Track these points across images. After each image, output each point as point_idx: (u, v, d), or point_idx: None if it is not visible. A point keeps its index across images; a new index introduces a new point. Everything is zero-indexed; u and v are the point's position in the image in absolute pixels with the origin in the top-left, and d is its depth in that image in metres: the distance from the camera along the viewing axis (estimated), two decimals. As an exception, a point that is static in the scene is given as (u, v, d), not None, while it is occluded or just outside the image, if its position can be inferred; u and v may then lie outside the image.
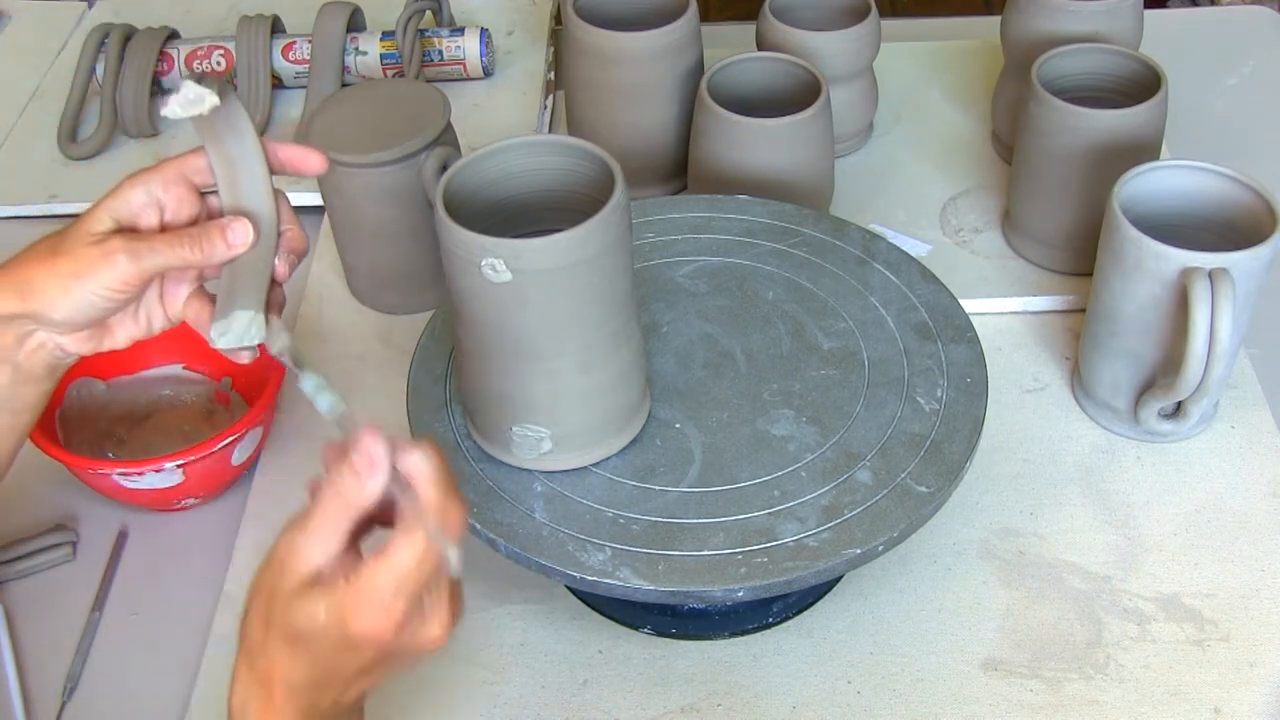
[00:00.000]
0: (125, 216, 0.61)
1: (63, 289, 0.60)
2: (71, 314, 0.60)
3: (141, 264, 0.59)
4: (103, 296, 0.60)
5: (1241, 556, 0.77)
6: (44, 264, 0.60)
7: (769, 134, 0.89)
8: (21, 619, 0.78)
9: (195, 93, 0.59)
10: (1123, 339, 0.80)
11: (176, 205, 0.62)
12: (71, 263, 0.59)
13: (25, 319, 0.61)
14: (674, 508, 0.69)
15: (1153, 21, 1.03)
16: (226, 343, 0.59)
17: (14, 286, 0.60)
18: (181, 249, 0.60)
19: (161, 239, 0.60)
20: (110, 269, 0.59)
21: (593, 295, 0.65)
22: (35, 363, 0.63)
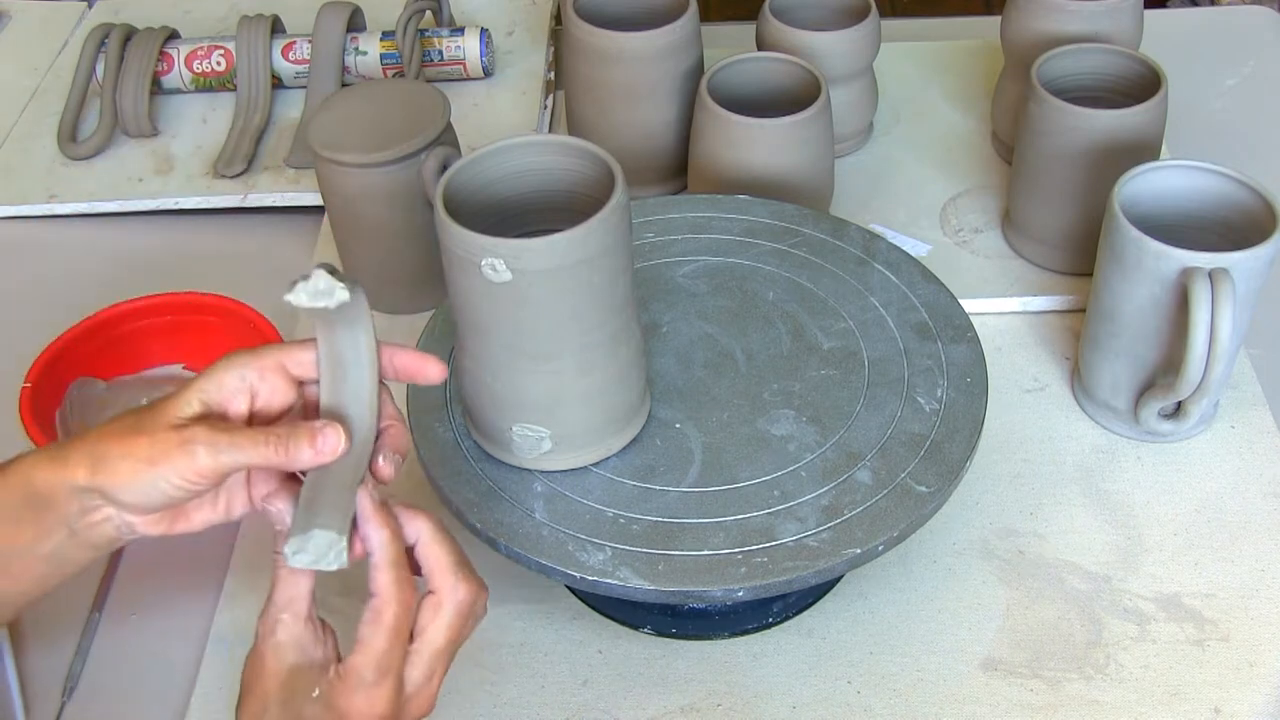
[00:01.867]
0: (216, 401, 0.58)
1: (134, 472, 0.56)
2: (141, 499, 0.57)
3: (220, 459, 0.56)
4: (176, 486, 0.56)
5: (1241, 556, 0.77)
6: (122, 441, 0.56)
7: (769, 134, 0.89)
8: (21, 619, 0.78)
9: (326, 284, 0.56)
10: (1123, 339, 0.80)
11: (270, 394, 0.59)
12: (149, 446, 0.56)
13: (93, 493, 0.57)
14: (674, 508, 0.69)
15: (1153, 21, 1.03)
16: (301, 563, 0.56)
17: (88, 459, 0.56)
18: (266, 449, 0.57)
19: (246, 435, 0.56)
20: (187, 459, 0.56)
21: (593, 295, 0.65)
22: (96, 534, 0.59)
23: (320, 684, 0.56)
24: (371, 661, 0.56)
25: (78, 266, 1.02)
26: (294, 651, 0.56)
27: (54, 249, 1.04)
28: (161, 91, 1.13)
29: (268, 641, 0.57)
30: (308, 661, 0.57)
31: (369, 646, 0.57)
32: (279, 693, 0.56)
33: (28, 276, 1.03)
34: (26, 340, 0.84)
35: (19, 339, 0.85)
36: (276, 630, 0.56)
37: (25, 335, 0.85)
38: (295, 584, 0.57)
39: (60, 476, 0.57)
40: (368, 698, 0.56)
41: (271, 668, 0.56)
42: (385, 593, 0.57)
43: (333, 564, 0.56)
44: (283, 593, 0.57)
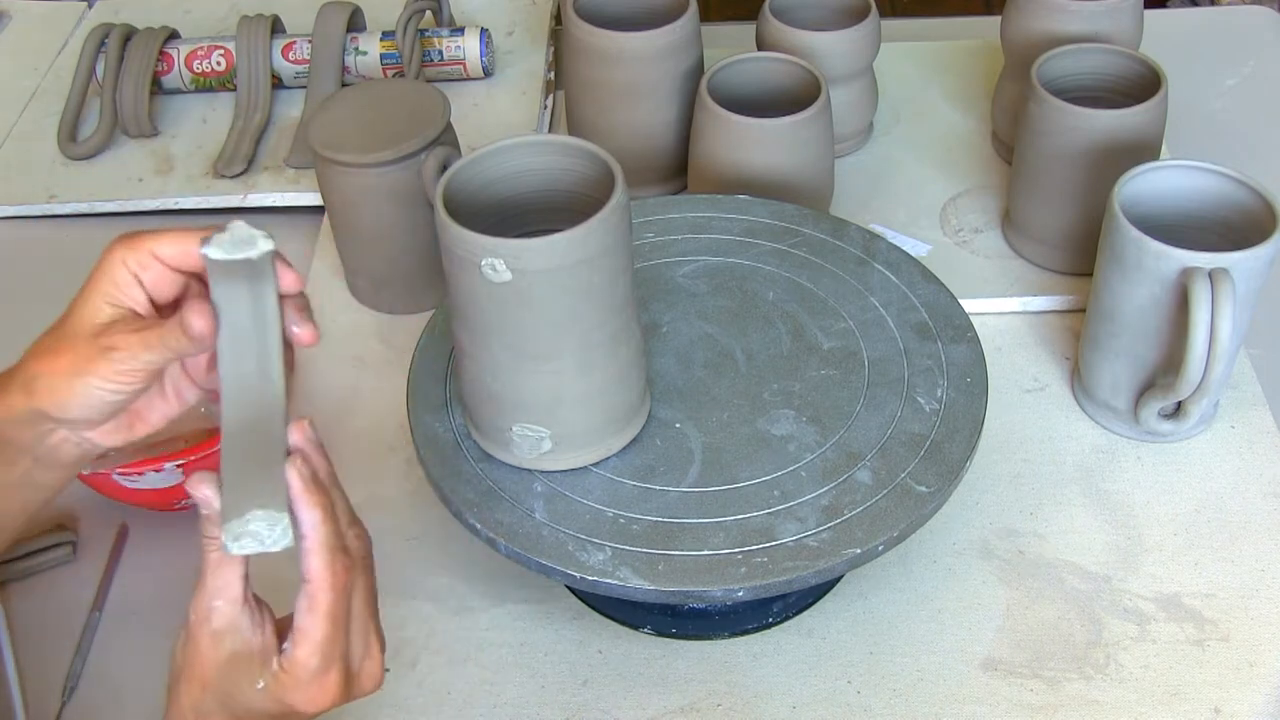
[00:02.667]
0: (118, 299, 0.58)
1: (67, 388, 0.57)
2: (83, 412, 0.57)
3: (139, 358, 0.56)
4: (110, 391, 0.57)
5: (1241, 556, 0.77)
6: (46, 360, 0.57)
7: (769, 134, 0.89)
8: (21, 619, 0.78)
9: (246, 233, 0.55)
10: (1123, 339, 0.80)
11: (155, 281, 0.58)
12: (71, 360, 0.57)
13: (39, 416, 0.57)
14: (674, 508, 0.69)
15: (1153, 21, 1.03)
16: (244, 549, 0.53)
17: (21, 385, 0.57)
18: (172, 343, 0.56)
19: (156, 330, 0.56)
20: (109, 364, 0.56)
21: (593, 295, 0.65)
22: (61, 455, 0.60)
23: (264, 675, 0.55)
24: (316, 651, 0.55)
25: (78, 266, 1.02)
26: (231, 638, 0.55)
27: (54, 249, 1.04)
28: (161, 91, 1.13)
29: (203, 628, 0.55)
30: (246, 649, 0.55)
31: (309, 637, 0.55)
32: (218, 681, 0.55)
33: (28, 276, 1.02)
34: (26, 340, 0.84)
35: (19, 339, 0.85)
36: (211, 618, 0.55)
37: (25, 335, 0.85)
38: (228, 569, 0.55)
39: (4, 409, 0.58)
40: (317, 688, 0.56)
41: (208, 655, 0.55)
42: (319, 578, 0.55)
43: (277, 545, 0.53)
44: (215, 579, 0.55)
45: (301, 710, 0.56)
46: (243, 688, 0.55)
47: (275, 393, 0.56)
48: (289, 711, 0.56)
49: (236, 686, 0.55)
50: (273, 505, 0.53)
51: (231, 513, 0.53)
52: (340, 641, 0.56)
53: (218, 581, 0.55)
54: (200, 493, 0.54)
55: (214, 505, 0.54)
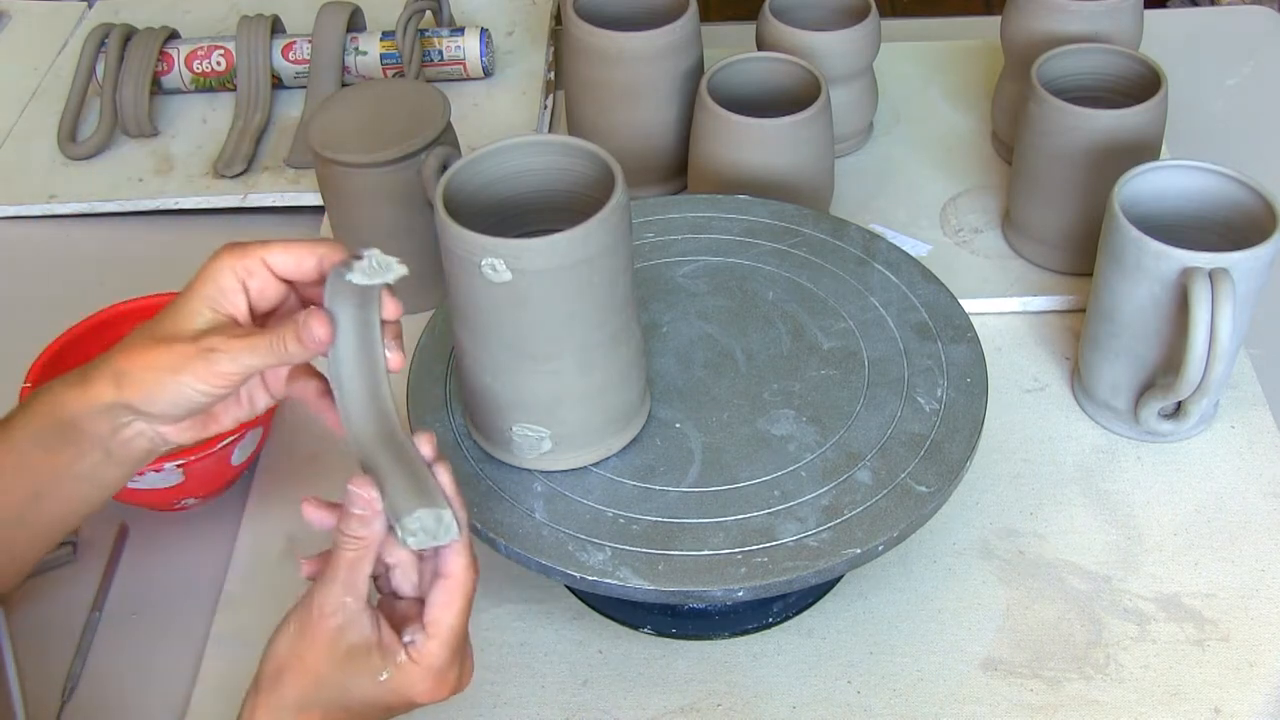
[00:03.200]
0: (221, 306, 0.59)
1: (159, 383, 0.58)
2: (169, 408, 0.59)
3: (239, 363, 0.58)
4: (201, 392, 0.58)
5: (1241, 556, 0.77)
6: (143, 355, 0.58)
7: (769, 134, 0.89)
8: (21, 619, 0.78)
9: (381, 260, 0.59)
10: (1123, 339, 0.80)
11: (259, 291, 0.60)
12: (169, 356, 0.58)
13: (122, 409, 0.59)
14: (674, 508, 0.69)
15: (1153, 21, 1.03)
16: (417, 543, 0.57)
17: (111, 377, 0.59)
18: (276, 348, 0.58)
19: (260, 337, 0.58)
20: (208, 366, 0.58)
21: (593, 295, 0.65)
22: (131, 449, 0.61)
23: (388, 667, 0.57)
24: (448, 645, 0.58)
25: (78, 266, 1.02)
26: (354, 633, 0.57)
27: (54, 249, 1.04)
28: (161, 91, 1.13)
29: (326, 623, 0.57)
30: (366, 644, 0.57)
31: (444, 629, 0.58)
32: (335, 674, 0.57)
33: (28, 276, 1.02)
34: (26, 340, 0.84)
35: (19, 339, 0.85)
36: (340, 612, 0.57)
37: (25, 335, 0.85)
38: (360, 566, 0.57)
39: (86, 399, 0.59)
40: (440, 679, 0.58)
41: (327, 648, 0.57)
42: (461, 575, 0.58)
43: (446, 537, 0.57)
44: (348, 575, 0.57)
45: (419, 701, 0.59)
46: (362, 680, 0.57)
47: (390, 405, 0.60)
48: (405, 702, 0.58)
49: (354, 679, 0.57)
50: (435, 504, 0.57)
51: (400, 512, 0.57)
52: (466, 636, 0.59)
53: (351, 578, 0.57)
54: (366, 493, 0.57)
55: (377, 506, 0.57)
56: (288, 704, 0.57)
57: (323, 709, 0.57)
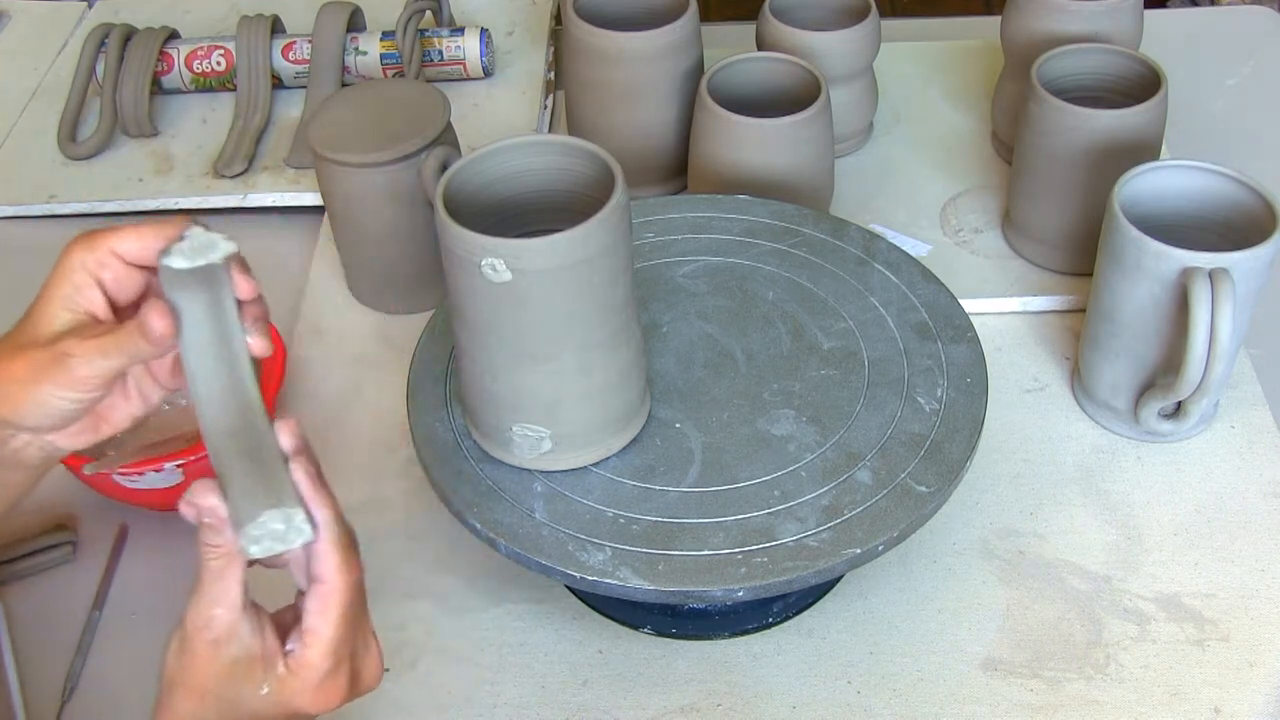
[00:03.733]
0: (76, 302, 0.57)
1: (22, 395, 0.55)
2: (41, 419, 0.56)
3: (95, 366, 0.55)
4: (67, 400, 0.56)
5: (1241, 556, 0.77)
6: (3, 366, 0.56)
7: (769, 134, 0.89)
8: (21, 619, 0.78)
9: (205, 238, 0.54)
10: (1123, 339, 0.80)
11: (115, 282, 0.57)
12: (26, 367, 0.55)
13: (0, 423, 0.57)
14: (674, 508, 0.69)
15: (1153, 21, 1.03)
16: (263, 551, 0.53)
17: None
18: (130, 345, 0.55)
19: (111, 337, 0.55)
20: (64, 373, 0.55)
21: (593, 295, 0.65)
22: (24, 458, 0.59)
23: (268, 679, 0.55)
24: (327, 652, 0.55)
25: (78, 266, 1.02)
26: (232, 645, 0.54)
27: (54, 249, 1.03)
28: (161, 91, 1.13)
29: (201, 637, 0.54)
30: (248, 655, 0.55)
31: (321, 637, 0.55)
32: (219, 689, 0.54)
33: (28, 276, 1.02)
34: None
35: (19, 339, 0.85)
36: (211, 625, 0.54)
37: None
38: (228, 576, 0.54)
39: None
40: (326, 688, 0.56)
41: (207, 663, 0.54)
42: (332, 579, 0.55)
43: (298, 540, 0.53)
44: (215, 586, 0.54)
45: (307, 711, 0.56)
46: (244, 694, 0.55)
47: (251, 395, 0.56)
48: (294, 713, 0.56)
49: (238, 693, 0.55)
50: (284, 503, 0.53)
51: (244, 517, 0.53)
52: (350, 640, 0.56)
53: (217, 589, 0.54)
54: (205, 501, 0.54)
55: (220, 513, 0.53)
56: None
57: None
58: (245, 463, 0.54)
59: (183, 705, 0.55)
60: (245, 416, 0.55)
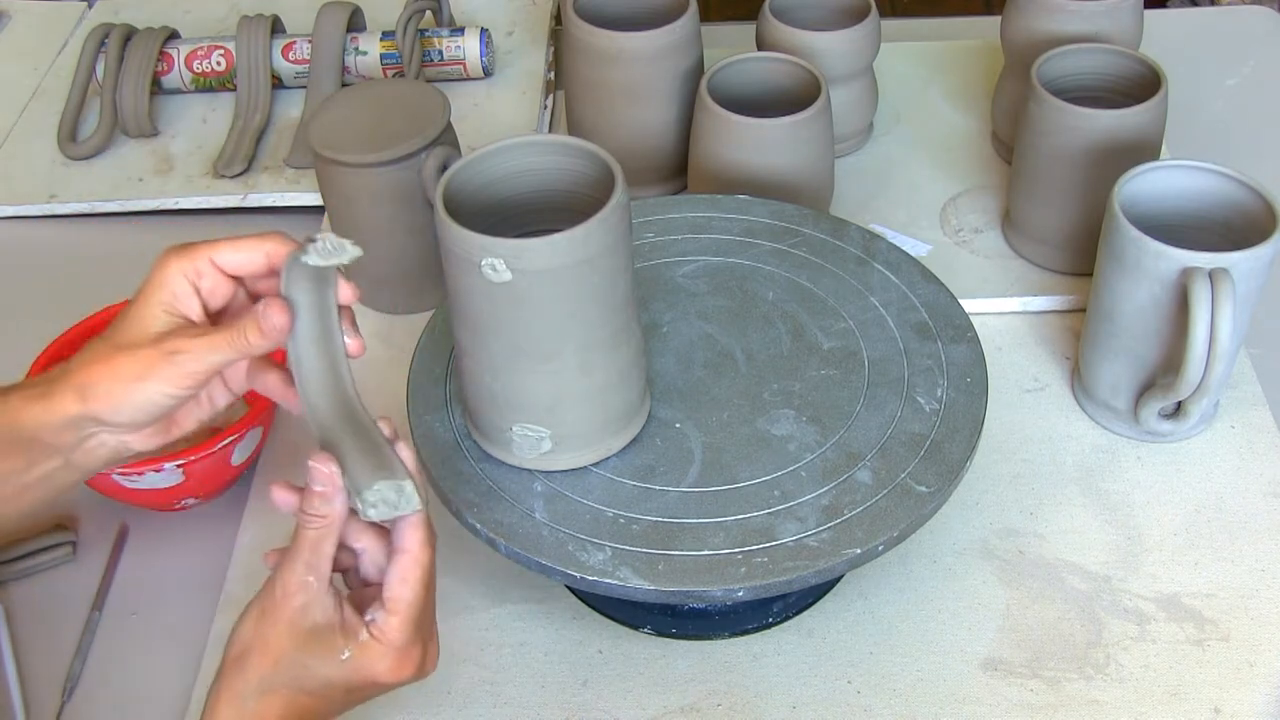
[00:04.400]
0: (176, 309, 0.59)
1: (126, 392, 0.58)
2: (136, 415, 0.59)
3: (204, 362, 0.58)
4: (168, 395, 0.58)
5: (1241, 556, 0.77)
6: (106, 366, 0.58)
7: (769, 134, 0.89)
8: (21, 619, 0.78)
9: (335, 242, 0.58)
10: (1123, 339, 0.80)
11: (210, 290, 0.60)
12: (134, 364, 0.58)
13: (88, 421, 0.58)
14: (674, 508, 0.69)
15: (1153, 21, 1.03)
16: (379, 514, 0.58)
17: (75, 389, 0.58)
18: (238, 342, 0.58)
19: (220, 334, 0.58)
20: (174, 368, 0.57)
21: (593, 295, 0.65)
22: (92, 458, 0.60)
23: (350, 646, 0.57)
24: (408, 619, 0.58)
25: (78, 266, 1.02)
26: (316, 612, 0.57)
27: (54, 249, 1.04)
28: (161, 91, 1.13)
29: (289, 603, 0.57)
30: (329, 623, 0.57)
31: (403, 604, 0.58)
32: (296, 655, 0.57)
33: (28, 276, 1.02)
34: (26, 340, 0.84)
35: (19, 339, 0.85)
36: (303, 591, 0.57)
37: (25, 335, 0.85)
38: (321, 546, 0.58)
39: (48, 413, 0.58)
40: (404, 657, 0.58)
41: (289, 628, 0.57)
42: (417, 550, 0.59)
43: (409, 508, 0.58)
44: (310, 554, 0.57)
45: (382, 681, 0.58)
46: (323, 661, 0.57)
47: (350, 387, 0.61)
48: (368, 682, 0.58)
49: (316, 659, 0.57)
50: (397, 475, 0.58)
51: (361, 484, 0.58)
52: (428, 613, 0.59)
53: (312, 558, 0.57)
54: (326, 468, 0.58)
55: (337, 480, 0.58)
56: (250, 688, 0.57)
57: (285, 691, 0.57)
58: (357, 440, 0.59)
59: (255, 670, 0.57)
60: (348, 404, 0.61)
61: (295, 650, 0.57)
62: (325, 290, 0.60)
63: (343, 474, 0.58)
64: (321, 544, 0.58)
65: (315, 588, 0.57)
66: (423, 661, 0.60)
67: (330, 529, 0.58)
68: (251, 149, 1.07)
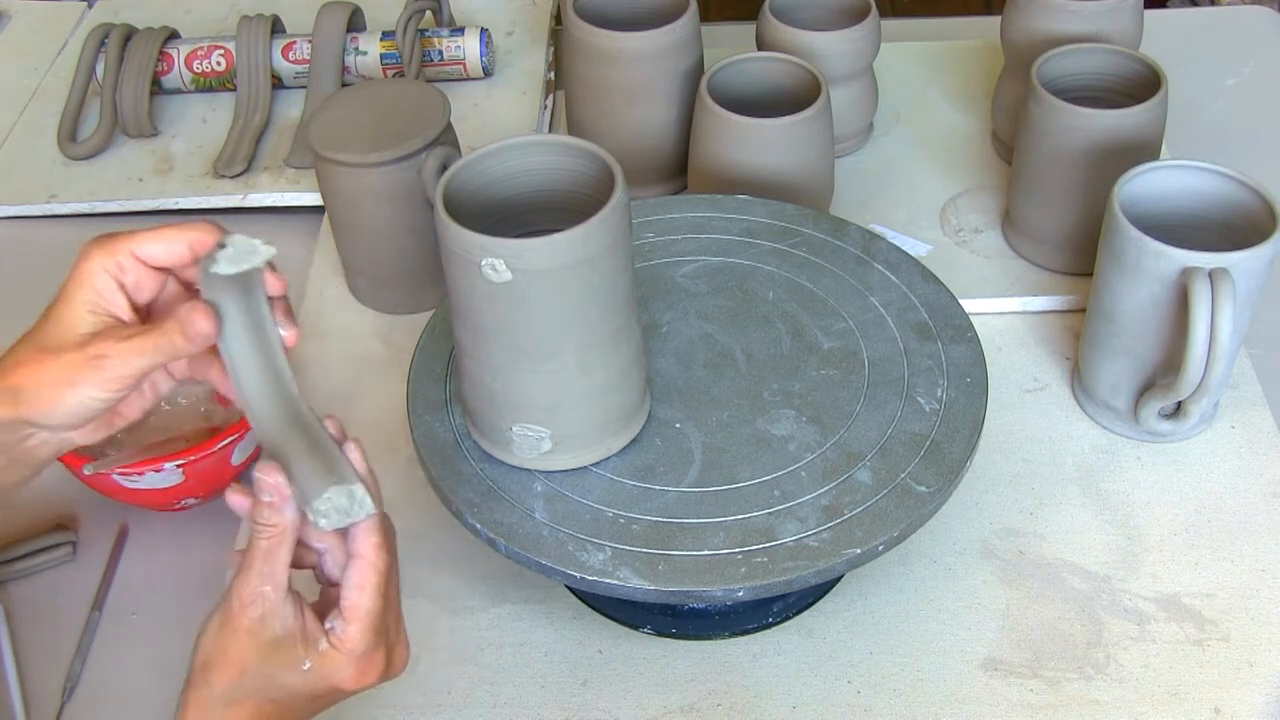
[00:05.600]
0: (102, 306, 0.58)
1: (56, 397, 0.57)
2: (69, 418, 0.58)
3: (131, 366, 0.56)
4: (98, 399, 0.57)
5: (1241, 556, 0.77)
6: (33, 370, 0.57)
7: (769, 134, 0.89)
8: (21, 619, 0.78)
9: (246, 244, 0.56)
10: (1123, 339, 0.80)
11: (135, 284, 0.59)
12: (60, 369, 0.56)
13: (22, 424, 0.58)
14: (674, 508, 0.69)
15: (1153, 21, 1.03)
16: (331, 524, 0.56)
17: (4, 393, 0.57)
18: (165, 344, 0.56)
19: (147, 337, 0.56)
20: (100, 373, 0.56)
21: (593, 295, 0.65)
22: (35, 455, 0.60)
23: (310, 656, 0.57)
24: (367, 627, 0.57)
25: (78, 266, 1.02)
26: (275, 623, 0.56)
27: (54, 249, 1.04)
28: (161, 91, 1.13)
29: (246, 614, 0.56)
30: (289, 633, 0.56)
31: (360, 610, 0.57)
32: (260, 665, 0.56)
33: (28, 276, 1.02)
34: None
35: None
36: (258, 603, 0.56)
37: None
38: (275, 555, 0.56)
39: None
40: (365, 664, 0.57)
41: (249, 641, 0.56)
42: (373, 554, 0.57)
43: (361, 513, 0.56)
44: (263, 564, 0.56)
45: (345, 688, 0.58)
46: (285, 671, 0.57)
47: (292, 387, 0.59)
48: (332, 689, 0.58)
49: (279, 669, 0.56)
50: (347, 480, 0.56)
51: (310, 494, 0.56)
52: (388, 618, 0.58)
53: (266, 567, 0.56)
54: (272, 478, 0.56)
55: (284, 491, 0.56)
56: (216, 697, 0.56)
57: (252, 701, 0.56)
58: (303, 445, 0.57)
59: (220, 683, 0.56)
60: (291, 406, 0.59)
61: (258, 661, 0.56)
62: (251, 289, 0.58)
63: (289, 482, 0.56)
64: (274, 553, 0.56)
65: (272, 597, 0.56)
66: (387, 665, 0.59)
67: (282, 538, 0.56)
68: (251, 149, 1.07)
